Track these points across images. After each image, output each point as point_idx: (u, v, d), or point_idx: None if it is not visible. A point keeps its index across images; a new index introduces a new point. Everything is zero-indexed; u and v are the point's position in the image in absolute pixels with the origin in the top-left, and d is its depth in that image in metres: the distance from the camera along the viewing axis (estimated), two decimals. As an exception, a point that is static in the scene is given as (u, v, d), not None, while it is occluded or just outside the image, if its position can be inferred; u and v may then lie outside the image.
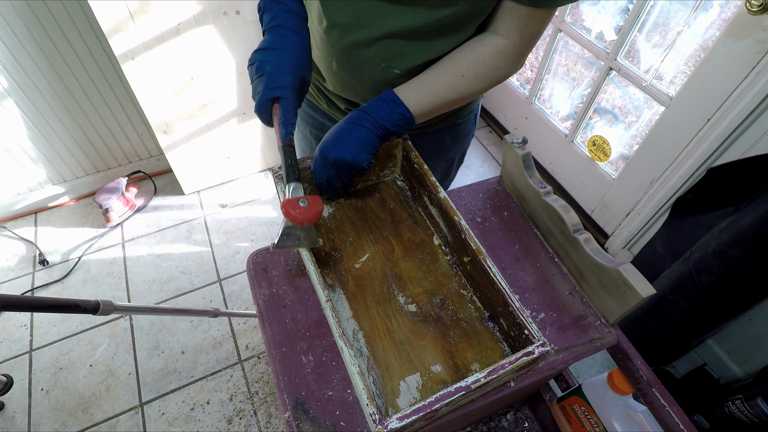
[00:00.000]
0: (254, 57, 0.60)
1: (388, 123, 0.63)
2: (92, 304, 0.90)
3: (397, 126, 0.64)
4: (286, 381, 0.57)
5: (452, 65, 0.63)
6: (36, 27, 1.38)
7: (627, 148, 1.75)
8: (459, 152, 0.92)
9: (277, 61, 0.59)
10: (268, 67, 0.58)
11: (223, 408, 1.36)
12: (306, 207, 0.55)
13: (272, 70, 0.58)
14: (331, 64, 0.68)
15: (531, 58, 2.20)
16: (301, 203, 0.55)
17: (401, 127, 0.64)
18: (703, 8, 1.39)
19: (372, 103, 0.64)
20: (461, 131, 0.87)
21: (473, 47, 0.62)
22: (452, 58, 0.64)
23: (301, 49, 0.62)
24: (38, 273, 1.67)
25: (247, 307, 1.59)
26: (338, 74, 0.69)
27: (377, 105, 0.63)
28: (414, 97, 0.64)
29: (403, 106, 0.63)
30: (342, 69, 0.68)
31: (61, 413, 1.35)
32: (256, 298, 0.66)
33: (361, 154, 0.62)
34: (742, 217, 0.98)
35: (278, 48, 0.60)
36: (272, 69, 0.58)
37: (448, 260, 0.69)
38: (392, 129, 0.64)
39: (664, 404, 0.61)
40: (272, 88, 0.58)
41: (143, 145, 1.87)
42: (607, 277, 0.59)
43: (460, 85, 0.64)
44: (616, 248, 1.64)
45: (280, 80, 0.58)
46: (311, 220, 0.56)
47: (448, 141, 0.86)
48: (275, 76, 0.58)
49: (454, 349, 0.60)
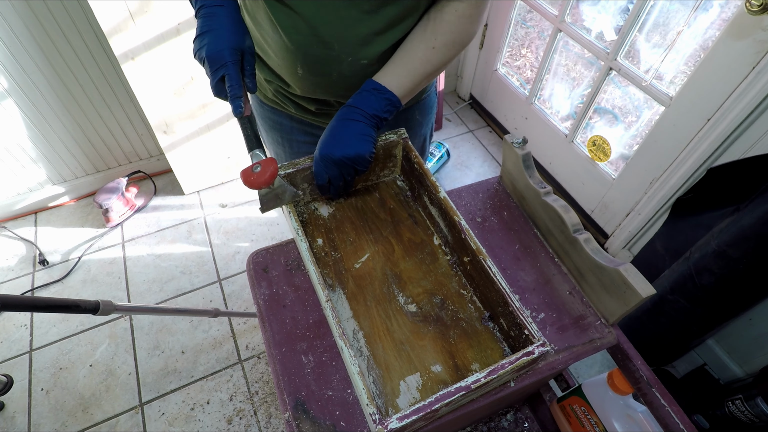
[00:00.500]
0: (194, 47, 0.61)
1: (378, 111, 0.65)
2: (92, 304, 0.90)
3: (387, 111, 0.66)
4: (286, 381, 0.57)
5: (421, 40, 0.65)
6: (36, 27, 1.38)
7: (627, 148, 1.75)
8: (429, 127, 0.95)
9: (212, 43, 0.59)
10: (204, 52, 0.59)
11: (223, 408, 1.36)
12: (259, 172, 0.59)
13: (208, 53, 0.59)
14: (295, 70, 0.69)
15: (531, 58, 2.20)
16: (254, 169, 0.59)
17: (391, 112, 0.66)
18: (703, 8, 1.39)
19: (357, 97, 0.65)
20: (427, 105, 0.89)
21: (436, 18, 0.64)
22: (419, 34, 0.65)
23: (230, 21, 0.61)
24: (38, 273, 1.67)
25: (247, 307, 1.59)
26: (305, 78, 0.70)
27: (363, 97, 0.65)
28: (395, 80, 0.65)
29: (387, 92, 0.65)
30: (309, 72, 0.69)
31: (61, 413, 1.35)
32: (256, 298, 0.66)
33: (363, 145, 0.64)
34: (742, 217, 0.98)
35: (208, 30, 0.60)
36: (208, 52, 0.59)
37: (448, 260, 0.69)
38: (383, 116, 0.65)
39: (664, 404, 0.61)
40: (215, 70, 0.59)
41: (143, 145, 1.87)
42: (607, 277, 0.59)
43: (434, 57, 0.66)
44: (616, 248, 1.64)
45: (219, 60, 0.59)
46: (266, 183, 0.59)
47: (418, 117, 0.88)
48: (213, 57, 0.59)
49: (454, 349, 0.60)
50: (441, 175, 2.00)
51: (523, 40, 2.26)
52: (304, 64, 0.67)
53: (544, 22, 1.76)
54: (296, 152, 0.91)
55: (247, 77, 0.62)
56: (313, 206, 0.75)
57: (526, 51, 2.25)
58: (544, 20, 1.66)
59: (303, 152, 0.91)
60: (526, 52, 2.25)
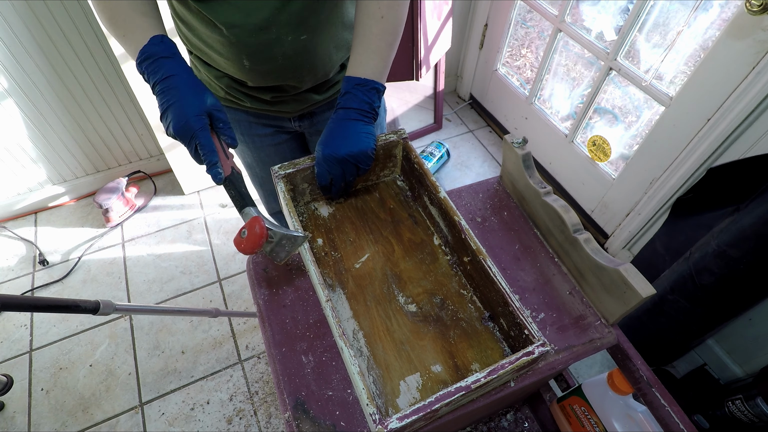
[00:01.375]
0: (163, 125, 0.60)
1: (370, 105, 0.66)
2: (92, 304, 0.90)
3: (376, 99, 0.67)
4: (286, 381, 0.57)
5: (368, 15, 0.66)
6: (36, 27, 1.38)
7: (627, 148, 1.75)
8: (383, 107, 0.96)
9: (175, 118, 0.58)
10: (172, 129, 0.58)
11: (223, 408, 1.36)
12: (247, 237, 0.57)
13: (175, 129, 0.58)
14: (242, 63, 0.70)
15: (531, 58, 2.20)
16: (242, 235, 0.57)
17: (379, 98, 0.68)
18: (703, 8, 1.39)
19: (345, 98, 0.66)
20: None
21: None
22: (363, 9, 0.66)
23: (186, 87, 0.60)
24: (38, 273, 1.67)
25: (247, 307, 1.59)
26: (253, 69, 0.71)
27: (351, 96, 0.66)
28: (367, 67, 0.66)
29: (370, 82, 0.66)
30: (255, 62, 0.70)
31: (61, 413, 1.35)
32: (256, 298, 0.66)
33: (365, 142, 0.65)
34: (742, 217, 0.98)
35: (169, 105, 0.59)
36: (175, 128, 0.58)
37: (448, 260, 0.69)
38: (375, 106, 0.67)
39: (664, 404, 0.61)
40: (186, 143, 0.59)
41: (143, 145, 1.87)
42: (607, 277, 0.59)
43: (387, 25, 0.66)
44: (616, 248, 1.64)
45: (186, 133, 0.58)
46: (258, 244, 0.56)
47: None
48: (180, 132, 0.58)
49: (454, 349, 0.60)
50: (441, 175, 2.00)
51: (523, 40, 2.26)
52: (248, 55, 0.68)
53: (544, 22, 1.76)
54: (259, 146, 0.92)
55: (222, 135, 0.61)
56: (313, 206, 0.75)
57: (526, 51, 2.25)
58: (544, 20, 1.66)
59: (266, 145, 0.92)
60: (526, 52, 2.25)
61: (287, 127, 0.90)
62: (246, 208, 0.60)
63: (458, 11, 1.96)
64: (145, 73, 0.61)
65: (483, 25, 1.97)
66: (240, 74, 0.73)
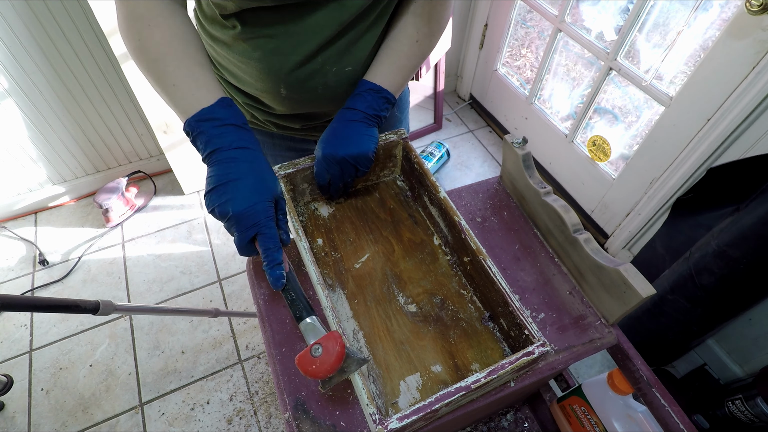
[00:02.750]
0: (210, 201, 0.51)
1: (377, 110, 0.65)
2: (92, 304, 0.90)
3: (385, 109, 0.67)
4: (286, 381, 0.57)
5: (404, 36, 0.66)
6: (36, 27, 1.38)
7: (627, 148, 1.75)
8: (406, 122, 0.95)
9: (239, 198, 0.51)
10: (230, 209, 0.50)
11: (223, 408, 1.36)
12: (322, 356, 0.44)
13: (236, 211, 0.50)
14: (278, 91, 0.66)
15: (531, 58, 2.20)
16: (313, 352, 0.45)
17: (387, 109, 0.67)
18: (703, 8, 1.39)
19: (355, 99, 0.65)
20: (404, 100, 0.90)
21: (415, 12, 0.65)
22: (401, 29, 0.66)
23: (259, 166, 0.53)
24: (38, 273, 1.67)
25: (247, 307, 1.59)
26: (290, 97, 0.67)
27: (361, 98, 0.65)
28: (387, 78, 0.66)
29: (383, 90, 0.65)
30: (293, 91, 0.66)
31: (61, 413, 1.35)
32: (256, 298, 0.66)
33: (366, 144, 0.64)
34: (742, 217, 0.98)
35: (230, 179, 0.51)
36: (236, 210, 0.50)
37: (448, 260, 0.69)
38: (382, 114, 0.67)
39: (664, 404, 0.61)
40: (246, 228, 0.51)
41: (143, 145, 1.87)
42: (607, 277, 0.59)
43: (418, 49, 0.67)
44: (616, 248, 1.64)
45: (251, 218, 0.51)
46: (330, 371, 0.44)
47: (397, 114, 0.89)
48: (243, 216, 0.51)
49: (454, 349, 0.60)
50: (441, 175, 2.00)
51: (523, 40, 2.26)
52: (287, 84, 0.65)
53: (544, 22, 1.76)
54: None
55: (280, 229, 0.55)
56: (313, 206, 0.75)
57: (526, 51, 2.25)
58: (544, 20, 1.66)
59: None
60: (526, 52, 2.25)
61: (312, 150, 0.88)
62: (310, 317, 0.51)
63: (458, 11, 1.96)
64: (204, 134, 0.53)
65: (483, 25, 1.97)
66: (274, 102, 0.69)
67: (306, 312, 0.51)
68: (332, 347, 0.45)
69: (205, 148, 0.53)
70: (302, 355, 0.46)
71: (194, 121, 0.54)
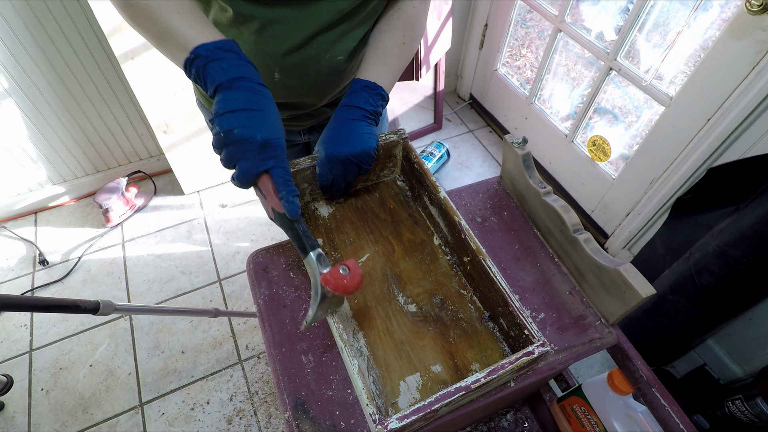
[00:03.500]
0: (231, 120, 0.49)
1: (374, 107, 0.67)
2: (92, 304, 0.90)
3: (380, 106, 0.68)
4: (286, 381, 0.57)
5: (391, 38, 0.69)
6: (36, 27, 1.38)
7: (627, 148, 1.75)
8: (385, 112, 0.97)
9: (267, 126, 0.50)
10: (259, 134, 0.50)
11: (223, 408, 1.36)
12: (349, 274, 0.49)
13: (264, 137, 0.50)
14: (272, 76, 0.68)
15: (531, 58, 2.20)
16: (341, 270, 0.49)
17: (382, 105, 0.69)
18: (703, 8, 1.39)
19: (351, 96, 0.66)
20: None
21: (400, 17, 0.69)
22: (388, 32, 0.69)
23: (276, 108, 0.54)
24: (38, 273, 1.67)
25: (247, 307, 1.59)
26: (282, 83, 0.69)
27: (357, 96, 0.66)
28: (379, 76, 0.68)
29: (378, 87, 0.67)
30: (286, 76, 0.68)
31: (61, 413, 1.35)
32: (256, 298, 0.66)
33: (368, 142, 0.65)
34: (742, 217, 0.98)
35: (259, 108, 0.51)
36: (264, 136, 0.50)
37: (448, 260, 0.69)
38: (378, 111, 0.68)
39: (664, 404, 0.61)
40: (267, 158, 0.51)
41: (143, 145, 1.87)
42: (607, 277, 0.59)
43: (405, 51, 0.71)
44: (616, 248, 1.64)
45: (275, 149, 0.51)
46: (358, 285, 0.50)
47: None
48: (270, 144, 0.50)
49: (454, 349, 0.60)
50: (441, 175, 2.00)
51: (523, 40, 2.26)
52: (282, 69, 0.67)
53: (544, 22, 1.76)
54: None
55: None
56: (313, 206, 0.75)
57: (526, 51, 2.25)
58: (544, 20, 1.66)
59: None
60: (526, 52, 2.25)
61: (296, 140, 0.90)
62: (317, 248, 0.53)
63: (458, 11, 1.96)
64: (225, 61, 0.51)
65: (483, 25, 1.97)
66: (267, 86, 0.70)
67: (315, 243, 0.54)
68: (355, 268, 0.50)
69: (226, 74, 0.51)
70: (331, 273, 0.49)
71: (213, 47, 0.51)
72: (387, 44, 0.69)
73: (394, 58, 0.69)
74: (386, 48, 0.69)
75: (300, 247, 0.54)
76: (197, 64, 0.51)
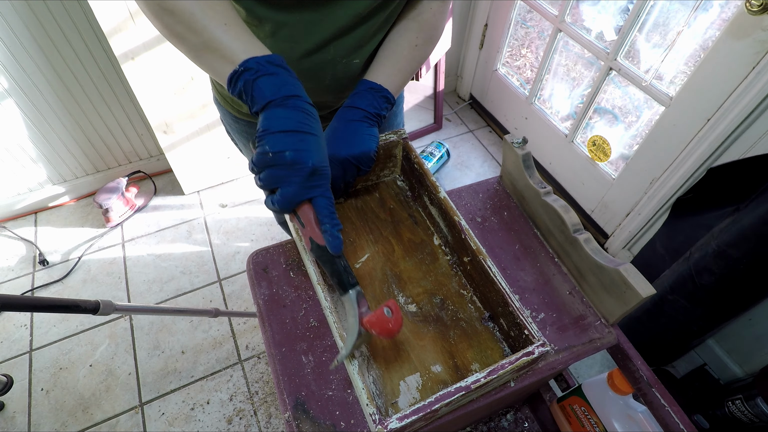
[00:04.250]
0: (284, 141, 0.46)
1: (377, 109, 0.66)
2: (92, 304, 0.90)
3: (385, 109, 0.67)
4: (286, 381, 0.57)
5: (404, 39, 0.68)
6: (36, 27, 1.38)
7: (627, 148, 1.75)
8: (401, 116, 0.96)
9: (320, 152, 0.48)
10: (311, 161, 0.47)
11: (223, 408, 1.36)
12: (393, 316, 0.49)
13: (315, 164, 0.47)
14: None
15: (531, 58, 2.20)
16: (386, 313, 0.49)
17: (387, 108, 0.68)
18: (703, 8, 1.39)
19: (355, 97, 0.66)
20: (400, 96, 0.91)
21: (416, 18, 0.68)
22: (402, 33, 0.68)
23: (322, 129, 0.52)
24: (38, 273, 1.67)
25: (247, 307, 1.59)
26: None
27: (361, 97, 0.65)
28: (387, 78, 0.67)
29: (383, 89, 0.66)
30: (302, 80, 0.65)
31: (61, 413, 1.35)
32: (256, 298, 0.66)
33: (368, 144, 0.64)
34: (742, 217, 0.98)
35: (312, 132, 0.48)
36: (315, 163, 0.47)
37: (448, 260, 0.69)
38: (382, 113, 0.67)
39: (664, 404, 0.61)
40: (314, 186, 0.48)
41: (143, 145, 1.87)
42: (607, 277, 0.59)
43: (417, 53, 0.69)
44: (616, 248, 1.64)
45: (323, 177, 0.49)
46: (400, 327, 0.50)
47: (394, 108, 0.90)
48: (319, 172, 0.48)
49: (454, 349, 0.60)
50: (441, 175, 2.00)
51: (523, 40, 2.26)
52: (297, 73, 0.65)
53: (544, 22, 1.76)
54: None
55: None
56: (313, 206, 0.75)
57: (526, 51, 2.25)
58: (544, 20, 1.66)
59: None
60: (526, 52, 2.25)
61: None
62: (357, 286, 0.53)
63: (458, 11, 1.96)
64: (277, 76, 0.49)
65: (483, 25, 1.97)
66: None
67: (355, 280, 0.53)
68: (397, 310, 0.50)
69: (278, 91, 0.48)
70: (376, 315, 0.49)
71: (264, 61, 0.49)
72: (399, 45, 0.68)
73: (404, 61, 0.68)
74: (397, 49, 0.68)
75: (339, 284, 0.52)
76: (246, 77, 0.48)
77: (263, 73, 0.48)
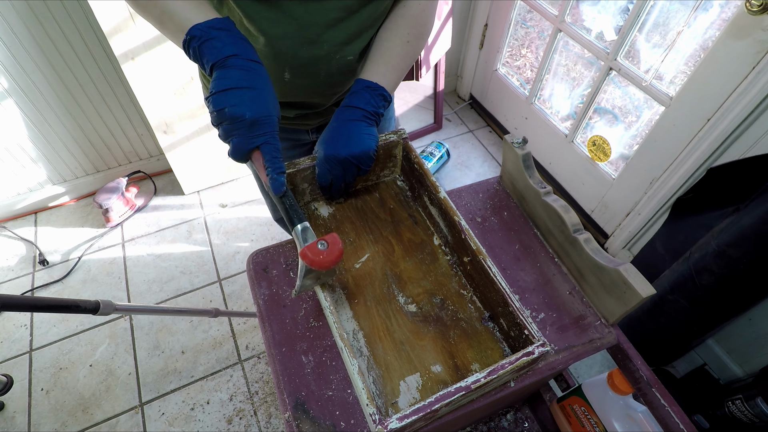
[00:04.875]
0: (222, 100, 0.51)
1: (375, 108, 0.66)
2: (92, 304, 0.90)
3: (382, 107, 0.68)
4: (286, 381, 0.57)
5: (396, 36, 0.69)
6: (36, 27, 1.38)
7: (627, 148, 1.75)
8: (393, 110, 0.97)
9: (257, 104, 0.51)
10: (248, 113, 0.51)
11: (223, 408, 1.36)
12: (327, 249, 0.50)
13: (254, 115, 0.51)
14: (282, 76, 0.68)
15: (531, 58, 2.20)
16: (320, 246, 0.50)
17: (385, 106, 0.68)
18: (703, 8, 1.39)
19: (352, 97, 0.66)
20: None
21: (405, 15, 0.69)
22: (393, 30, 0.69)
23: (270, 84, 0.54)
24: (38, 273, 1.67)
25: (247, 307, 1.59)
26: (292, 82, 0.70)
27: (359, 96, 0.66)
28: (383, 76, 0.68)
29: (380, 88, 0.67)
30: (296, 76, 0.69)
31: (61, 413, 1.35)
32: (256, 298, 0.66)
33: (368, 143, 0.65)
34: (742, 217, 0.98)
35: (251, 86, 0.52)
36: (253, 114, 0.51)
37: (448, 260, 0.69)
38: (380, 112, 0.68)
39: (664, 404, 0.61)
40: (256, 135, 0.52)
41: (143, 145, 1.87)
42: (607, 277, 0.59)
43: (410, 49, 0.70)
44: (616, 248, 1.64)
45: (264, 126, 0.52)
46: (336, 261, 0.51)
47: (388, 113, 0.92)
48: (259, 122, 0.52)
49: (454, 349, 0.60)
50: (441, 175, 2.00)
51: (523, 40, 2.26)
52: (292, 68, 0.67)
53: (544, 22, 1.76)
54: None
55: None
56: (313, 206, 0.75)
57: (526, 51, 2.25)
58: (544, 20, 1.66)
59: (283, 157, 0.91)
60: (526, 52, 2.25)
61: (303, 140, 0.90)
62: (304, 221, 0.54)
63: (458, 11, 1.96)
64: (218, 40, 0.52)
65: (483, 25, 1.97)
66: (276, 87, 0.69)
67: (300, 219, 0.55)
68: (335, 243, 0.51)
69: (219, 53, 0.52)
70: (309, 247, 0.50)
71: (206, 27, 0.52)
72: (391, 43, 0.69)
73: (398, 57, 0.69)
74: (390, 47, 0.69)
75: (288, 220, 0.55)
76: (193, 45, 0.53)
77: (206, 38, 0.52)
